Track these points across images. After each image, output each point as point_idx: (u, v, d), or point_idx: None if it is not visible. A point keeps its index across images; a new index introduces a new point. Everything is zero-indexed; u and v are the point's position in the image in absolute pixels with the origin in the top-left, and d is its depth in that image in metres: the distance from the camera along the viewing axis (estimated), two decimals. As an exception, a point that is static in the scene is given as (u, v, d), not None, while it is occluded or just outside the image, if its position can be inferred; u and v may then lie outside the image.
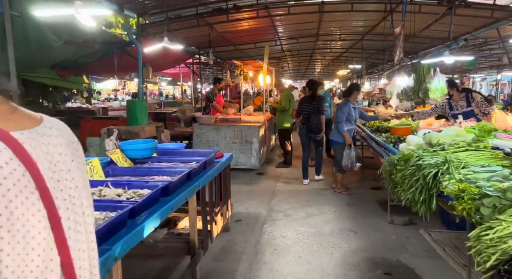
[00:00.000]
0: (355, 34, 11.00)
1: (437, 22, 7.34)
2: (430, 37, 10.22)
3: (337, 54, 16.67)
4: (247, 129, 7.01)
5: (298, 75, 35.88)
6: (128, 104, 6.72)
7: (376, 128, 5.89)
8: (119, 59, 7.57)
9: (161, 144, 4.10)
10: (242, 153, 7.04)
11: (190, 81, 11.14)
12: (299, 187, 6.24)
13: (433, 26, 8.44)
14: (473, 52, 12.13)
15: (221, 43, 10.53)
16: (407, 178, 2.67)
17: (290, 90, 8.74)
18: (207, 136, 7.05)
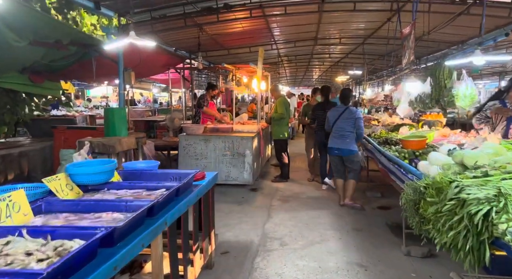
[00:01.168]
0: (356, 37, 10.39)
1: (447, 24, 6.71)
2: (436, 41, 9.62)
3: (336, 59, 16.09)
4: (239, 140, 6.33)
5: (296, 81, 35.35)
6: (105, 113, 6.02)
7: (385, 140, 5.21)
8: (98, 63, 6.89)
9: (130, 163, 3.40)
10: (234, 167, 6.35)
11: (181, 87, 10.45)
12: (298, 206, 5.54)
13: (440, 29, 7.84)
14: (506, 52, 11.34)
15: (213, 47, 9.89)
16: (444, 216, 1.98)
17: (287, 97, 8.11)
18: (195, 148, 6.36)
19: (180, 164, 6.39)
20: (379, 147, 4.87)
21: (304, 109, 7.57)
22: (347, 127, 5.37)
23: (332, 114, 5.58)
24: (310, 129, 7.14)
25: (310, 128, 7.15)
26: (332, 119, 5.52)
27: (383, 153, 4.49)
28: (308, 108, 7.33)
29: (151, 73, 10.60)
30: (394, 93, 5.82)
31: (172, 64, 9.72)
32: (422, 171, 3.10)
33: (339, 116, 5.43)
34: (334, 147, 5.45)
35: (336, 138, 5.44)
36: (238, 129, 6.94)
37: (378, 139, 5.73)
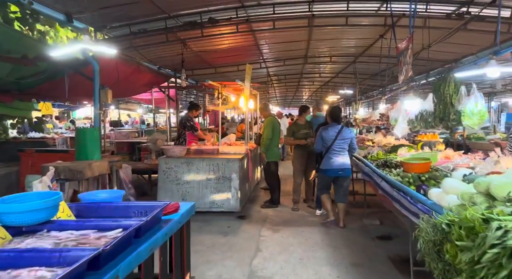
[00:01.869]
0: (347, 55, 10.15)
1: (443, 40, 6.44)
2: (431, 59, 9.42)
3: (326, 79, 15.90)
4: (225, 163, 5.83)
5: (286, 102, 35.29)
6: (76, 134, 5.49)
7: (383, 163, 4.77)
8: (73, 81, 6.42)
9: (88, 194, 2.87)
10: (219, 193, 5.81)
11: (165, 107, 10.00)
12: (289, 237, 5.00)
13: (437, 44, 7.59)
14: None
15: (199, 65, 9.53)
16: (484, 269, 1.49)
17: (277, 117, 7.69)
18: (176, 172, 5.83)
19: (159, 190, 5.84)
20: (378, 170, 4.42)
21: (291, 129, 6.74)
22: (346, 147, 5.40)
23: (328, 134, 5.37)
24: (300, 151, 6.56)
25: (300, 150, 6.57)
26: (330, 138, 5.33)
27: (384, 177, 4.03)
28: (296, 128, 6.63)
29: (133, 93, 10.14)
30: (391, 112, 5.46)
31: (155, 83, 9.31)
32: (436, 201, 2.64)
33: (337, 136, 5.30)
34: (338, 168, 5.32)
35: (338, 158, 5.33)
36: (224, 150, 6.45)
37: (376, 161, 5.30)
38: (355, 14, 6.26)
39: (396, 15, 5.89)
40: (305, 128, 6.58)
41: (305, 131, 6.54)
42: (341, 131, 5.32)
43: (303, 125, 6.62)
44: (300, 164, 6.54)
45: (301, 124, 6.65)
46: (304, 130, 6.55)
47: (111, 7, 5.22)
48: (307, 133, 6.50)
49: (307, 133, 6.52)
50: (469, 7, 5.69)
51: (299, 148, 6.54)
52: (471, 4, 5.63)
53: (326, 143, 5.37)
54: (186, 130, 7.62)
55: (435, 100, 4.09)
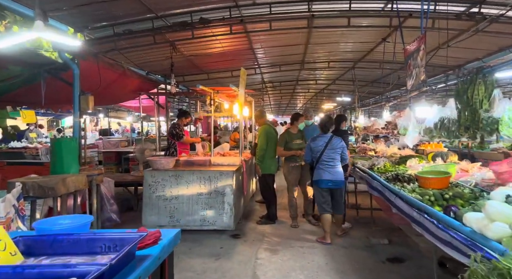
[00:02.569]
0: (346, 61, 9.75)
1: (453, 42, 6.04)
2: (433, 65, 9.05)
3: (323, 86, 15.51)
4: (217, 176, 5.31)
5: (280, 110, 34.96)
6: (51, 145, 4.95)
7: (395, 176, 4.29)
8: (51, 87, 5.90)
9: (45, 221, 2.34)
10: (211, 209, 5.28)
11: (155, 115, 9.47)
12: (290, 259, 4.48)
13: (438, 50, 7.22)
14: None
15: (190, 70, 9.06)
16: None
17: (272, 125, 7.21)
18: (163, 186, 5.29)
19: (145, 207, 5.29)
20: (390, 186, 3.93)
21: (283, 138, 5.98)
22: (337, 157, 5.15)
23: (317, 144, 5.18)
24: (292, 163, 5.99)
25: (292, 162, 5.99)
26: (319, 149, 5.13)
27: (399, 194, 3.55)
28: (289, 137, 5.95)
29: (120, 100, 9.61)
30: (399, 120, 5.01)
31: (144, 89, 8.80)
32: (477, 229, 2.15)
33: (326, 146, 5.11)
34: (327, 179, 5.08)
35: (328, 169, 5.10)
36: (217, 161, 5.94)
37: (384, 173, 4.83)
38: (358, 15, 5.84)
39: (403, 15, 5.48)
40: (299, 138, 6.05)
41: (298, 141, 6.01)
42: (330, 141, 5.11)
43: (295, 134, 6.09)
44: (294, 178, 6.04)
45: (293, 133, 6.09)
46: (298, 140, 6.02)
47: (92, 3, 4.72)
48: (300, 144, 5.99)
49: (300, 143, 6.00)
50: (480, 7, 5.30)
51: (291, 160, 6.00)
52: (483, 4, 5.25)
53: (315, 154, 5.17)
54: (175, 139, 7.10)
55: (459, 106, 3.64)
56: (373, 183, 4.69)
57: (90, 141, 17.80)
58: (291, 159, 5.98)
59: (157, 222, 5.26)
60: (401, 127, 5.06)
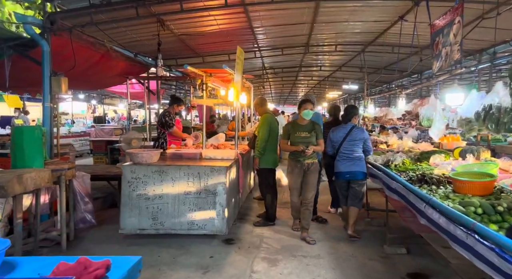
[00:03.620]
0: (355, 44, 8.93)
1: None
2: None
3: (327, 73, 14.68)
4: (208, 172, 4.59)
5: (281, 99, 34.13)
6: (12, 135, 4.21)
7: (420, 177, 3.56)
8: (16, 65, 5.14)
9: None
10: (200, 210, 4.57)
11: (146, 101, 8.73)
12: (292, 272, 3.79)
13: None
14: None
15: (183, 53, 8.27)
16: None
17: (273, 114, 6.44)
18: (145, 183, 4.57)
19: (123, 207, 4.58)
20: (418, 190, 3.20)
21: (286, 129, 4.99)
22: (357, 149, 4.94)
23: (336, 135, 5.07)
24: (295, 161, 4.96)
25: (295, 160, 4.96)
26: (338, 140, 5.02)
27: (432, 203, 2.82)
28: (293, 129, 4.90)
29: (105, 84, 8.83)
30: (422, 109, 4.25)
31: (132, 73, 8.03)
32: None
33: (345, 137, 4.96)
34: (345, 171, 4.92)
35: (346, 161, 4.93)
36: (209, 155, 5.21)
37: (404, 172, 4.11)
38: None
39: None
40: (306, 131, 4.80)
41: (305, 134, 4.79)
42: (350, 132, 4.94)
43: (302, 126, 4.86)
44: (294, 181, 4.89)
45: (301, 125, 4.88)
46: (303, 132, 4.79)
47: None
48: (306, 137, 4.78)
49: (306, 137, 4.78)
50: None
51: (292, 157, 4.91)
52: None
53: (334, 145, 5.09)
54: (164, 129, 6.37)
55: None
56: (391, 184, 3.96)
57: (82, 129, 17.23)
58: (293, 156, 4.93)
59: (137, 225, 4.56)
60: (423, 118, 4.32)
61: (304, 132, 4.79)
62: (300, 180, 4.86)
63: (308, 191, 4.84)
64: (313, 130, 4.81)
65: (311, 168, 4.83)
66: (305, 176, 4.83)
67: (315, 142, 4.80)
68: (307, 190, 4.84)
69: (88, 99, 20.02)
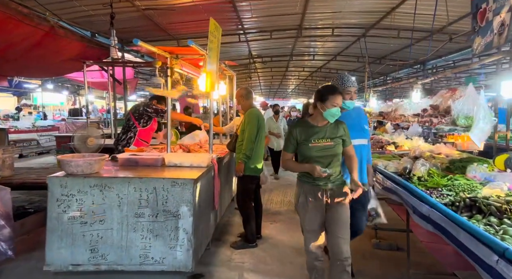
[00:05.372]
0: (354, 27, 7.77)
1: None
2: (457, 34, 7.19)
3: (320, 63, 13.52)
4: (169, 186, 3.40)
5: (271, 92, 32.97)
6: None
7: (470, 203, 2.44)
8: None
9: None
10: (157, 239, 3.39)
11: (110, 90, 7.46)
12: None
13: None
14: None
15: (153, 34, 7.03)
16: None
17: (261, 108, 5.27)
18: (81, 202, 3.37)
19: (50, 234, 3.37)
20: (481, 231, 2.08)
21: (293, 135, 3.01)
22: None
23: None
24: (312, 188, 3.23)
25: (312, 186, 3.21)
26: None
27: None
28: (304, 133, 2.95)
29: (57, 70, 7.49)
30: (456, 104, 3.18)
31: (91, 57, 6.72)
32: None
33: None
34: None
35: None
36: (174, 161, 4.03)
37: (436, 189, 3.02)
38: None
39: None
40: (328, 137, 2.91)
41: (326, 142, 2.90)
42: None
43: (321, 129, 2.94)
44: (311, 220, 2.95)
45: (317, 127, 2.95)
46: (323, 140, 2.90)
47: None
48: (330, 149, 2.90)
49: (331, 148, 2.90)
50: None
51: (308, 180, 2.97)
52: None
53: None
54: (138, 122, 5.15)
55: None
56: (420, 207, 2.84)
57: (50, 123, 15.78)
58: (305, 178, 3.00)
59: (70, 259, 3.36)
60: (458, 115, 3.23)
61: (323, 140, 2.89)
62: (322, 218, 2.93)
63: (340, 236, 2.85)
64: (338, 134, 2.93)
65: (335, 194, 2.92)
66: (330, 210, 2.92)
67: (340, 155, 2.97)
68: (337, 235, 2.85)
69: (59, 89, 18.46)
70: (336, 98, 2.81)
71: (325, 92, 2.86)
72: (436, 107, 3.63)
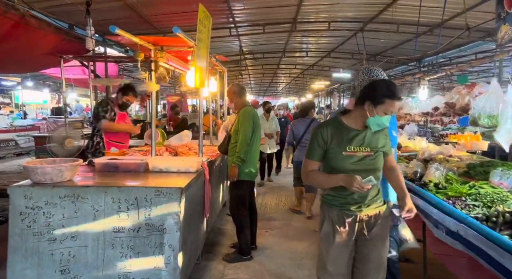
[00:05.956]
0: (352, 21, 7.40)
1: None
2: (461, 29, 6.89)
3: (313, 60, 13.16)
4: (152, 196, 2.96)
5: (261, 90, 32.56)
6: None
7: (510, 218, 2.07)
8: None
9: None
10: (139, 256, 2.96)
11: (90, 88, 6.95)
12: None
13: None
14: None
15: (138, 27, 6.57)
16: None
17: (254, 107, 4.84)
18: (49, 215, 2.91)
19: (12, 254, 2.90)
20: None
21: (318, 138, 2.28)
22: None
23: (296, 128, 5.75)
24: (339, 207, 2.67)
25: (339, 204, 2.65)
26: (298, 132, 5.69)
27: None
28: (339, 136, 2.25)
29: (31, 65, 6.93)
30: (477, 101, 2.81)
31: (69, 51, 6.20)
32: None
33: (306, 130, 5.59)
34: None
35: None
36: (159, 166, 3.58)
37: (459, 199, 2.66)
38: None
39: None
40: (368, 144, 2.24)
41: (365, 150, 2.22)
42: (310, 125, 5.62)
43: (360, 133, 2.26)
44: (336, 257, 2.26)
45: (353, 129, 2.26)
46: (362, 148, 2.23)
47: None
48: (370, 159, 2.23)
49: (372, 158, 2.24)
50: None
51: (337, 202, 2.27)
52: None
53: (296, 137, 5.73)
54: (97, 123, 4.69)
55: None
56: (446, 222, 2.45)
57: (29, 123, 15.06)
58: (331, 197, 2.30)
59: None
60: (479, 114, 2.87)
61: (362, 148, 2.22)
62: (351, 257, 2.29)
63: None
64: (380, 145, 2.27)
65: (376, 225, 2.26)
66: (364, 245, 2.28)
67: (381, 170, 2.31)
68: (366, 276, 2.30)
69: (41, 87, 17.72)
70: (393, 104, 2.12)
71: (383, 93, 2.11)
72: (452, 105, 3.27)
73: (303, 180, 2.38)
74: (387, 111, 2.12)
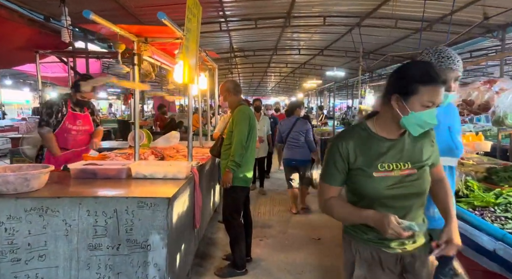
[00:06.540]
0: (349, 16, 7.10)
1: None
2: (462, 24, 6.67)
3: (305, 58, 12.86)
4: (135, 208, 2.57)
5: (250, 90, 32.22)
6: None
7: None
8: None
9: None
10: (120, 277, 2.56)
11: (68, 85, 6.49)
12: None
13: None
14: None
15: (120, 20, 6.05)
16: None
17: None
18: (13, 232, 2.50)
19: (-31, 278, 2.48)
20: None
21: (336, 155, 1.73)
22: (301, 138, 5.69)
23: (282, 127, 5.91)
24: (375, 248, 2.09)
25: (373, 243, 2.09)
26: (284, 131, 5.82)
27: None
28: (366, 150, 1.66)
29: (5, 60, 6.43)
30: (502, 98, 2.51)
31: (45, 46, 5.73)
32: None
33: (291, 128, 5.73)
34: (291, 158, 5.74)
35: (291, 149, 5.72)
36: (143, 172, 3.19)
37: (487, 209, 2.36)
38: None
39: None
40: (407, 159, 1.61)
41: (405, 168, 1.59)
42: (295, 124, 5.74)
43: (396, 143, 1.62)
44: None
45: (386, 140, 1.62)
46: (400, 164, 1.60)
47: None
48: (412, 180, 1.59)
49: (414, 178, 1.59)
50: None
51: (370, 234, 1.64)
52: None
53: (282, 136, 5.83)
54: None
55: None
56: (479, 239, 2.13)
57: (7, 123, 14.41)
58: (366, 234, 1.65)
59: (-4, 311, 2.48)
60: (505, 112, 2.57)
61: (400, 164, 1.60)
62: None
63: None
64: (425, 157, 1.65)
65: (418, 262, 1.66)
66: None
67: (427, 193, 1.66)
68: None
69: (20, 85, 17.01)
70: (434, 92, 1.47)
71: (415, 78, 1.48)
72: (471, 102, 2.96)
73: (320, 209, 1.74)
74: (426, 102, 1.47)
